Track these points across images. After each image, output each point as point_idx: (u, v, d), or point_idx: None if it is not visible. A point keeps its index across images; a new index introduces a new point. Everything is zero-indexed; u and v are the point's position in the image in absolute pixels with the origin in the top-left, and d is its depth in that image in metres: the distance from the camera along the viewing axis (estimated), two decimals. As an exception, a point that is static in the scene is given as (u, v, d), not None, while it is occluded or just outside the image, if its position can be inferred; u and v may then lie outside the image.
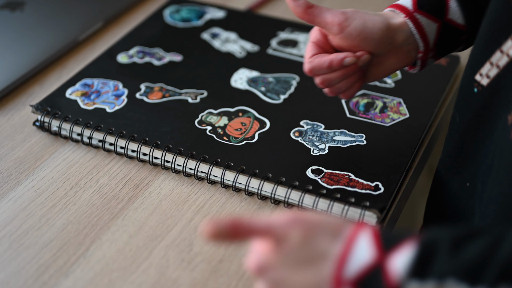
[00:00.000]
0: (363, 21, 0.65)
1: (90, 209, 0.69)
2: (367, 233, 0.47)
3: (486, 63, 0.60)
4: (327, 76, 0.67)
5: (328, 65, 0.66)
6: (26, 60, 0.88)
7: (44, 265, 0.63)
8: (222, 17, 0.99)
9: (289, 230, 0.48)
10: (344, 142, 0.74)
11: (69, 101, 0.80)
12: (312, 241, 0.48)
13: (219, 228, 0.48)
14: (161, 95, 0.82)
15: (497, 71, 0.59)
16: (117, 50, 0.90)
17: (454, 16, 0.67)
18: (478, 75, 0.61)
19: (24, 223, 0.67)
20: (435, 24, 0.67)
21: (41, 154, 0.76)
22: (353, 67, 0.67)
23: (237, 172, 0.70)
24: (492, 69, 0.59)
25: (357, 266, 0.46)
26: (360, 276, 0.46)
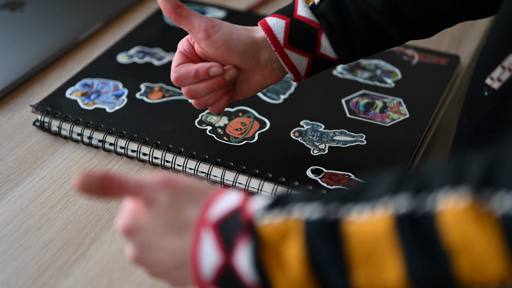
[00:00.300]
0: (229, 31, 0.66)
1: (90, 209, 0.69)
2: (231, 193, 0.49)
3: (497, 67, 0.60)
4: (194, 87, 0.67)
5: (194, 74, 0.66)
6: (26, 60, 0.88)
7: (44, 265, 0.63)
8: (222, 17, 0.99)
9: (157, 192, 0.49)
10: (344, 142, 0.74)
11: (69, 101, 0.80)
12: (179, 207, 0.49)
13: (88, 181, 0.48)
14: (161, 95, 0.82)
15: (509, 74, 0.59)
16: (117, 50, 0.90)
17: (326, 51, 0.68)
18: (489, 79, 0.61)
19: (24, 223, 0.67)
20: (306, 58, 0.68)
21: (41, 154, 0.76)
22: (220, 81, 0.66)
23: (237, 172, 0.70)
24: (504, 72, 0.59)
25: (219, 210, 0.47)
26: (222, 218, 0.47)
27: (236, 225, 0.46)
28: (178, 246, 0.49)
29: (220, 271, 0.46)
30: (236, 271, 0.46)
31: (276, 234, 0.45)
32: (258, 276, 0.45)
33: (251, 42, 0.67)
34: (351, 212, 0.44)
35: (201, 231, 0.47)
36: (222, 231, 0.46)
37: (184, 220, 0.48)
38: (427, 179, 0.43)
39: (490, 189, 0.41)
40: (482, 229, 0.41)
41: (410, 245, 0.42)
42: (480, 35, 0.96)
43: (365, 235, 0.43)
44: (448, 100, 0.84)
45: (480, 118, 0.63)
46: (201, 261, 0.47)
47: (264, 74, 0.68)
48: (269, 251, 0.45)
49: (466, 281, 0.41)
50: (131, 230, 0.50)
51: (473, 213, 0.41)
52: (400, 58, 0.89)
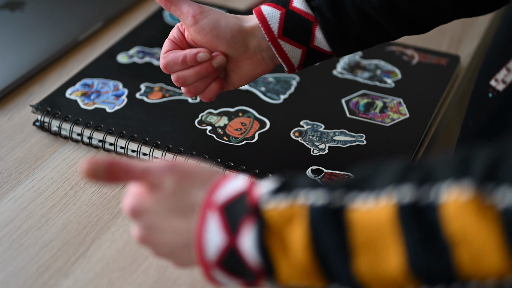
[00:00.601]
0: (217, 18, 0.66)
1: (90, 209, 0.69)
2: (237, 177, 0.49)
3: (502, 69, 0.60)
4: (182, 73, 0.67)
5: (182, 60, 0.66)
6: (26, 60, 0.88)
7: (44, 265, 0.63)
8: (222, 17, 0.99)
9: (163, 177, 0.50)
10: (344, 142, 0.74)
11: (69, 101, 0.80)
12: (185, 190, 0.49)
13: (95, 167, 0.49)
14: (161, 95, 0.82)
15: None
16: (117, 50, 0.90)
17: (320, 44, 0.68)
18: (493, 81, 0.61)
19: (24, 223, 0.67)
20: (299, 49, 0.68)
21: (41, 154, 0.76)
22: (208, 67, 0.67)
23: (237, 172, 0.70)
24: (508, 74, 0.59)
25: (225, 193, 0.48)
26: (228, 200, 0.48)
27: (242, 208, 0.47)
28: (184, 228, 0.49)
29: (224, 252, 0.47)
30: (240, 253, 0.47)
31: (281, 218, 0.46)
32: (261, 259, 0.46)
33: (239, 29, 0.66)
34: (356, 200, 0.45)
35: (206, 213, 0.48)
36: (227, 214, 0.47)
37: (189, 202, 0.49)
38: (431, 171, 0.44)
39: (493, 183, 0.41)
40: (483, 222, 0.41)
41: (412, 235, 0.42)
42: (480, 35, 0.96)
43: (368, 223, 0.44)
44: (448, 100, 0.84)
45: (484, 120, 0.63)
46: (206, 242, 0.47)
47: (253, 62, 0.68)
48: (274, 235, 0.46)
49: (465, 273, 0.42)
50: (137, 211, 0.51)
51: (475, 206, 0.41)
52: (400, 58, 0.89)
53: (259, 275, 0.47)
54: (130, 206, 0.51)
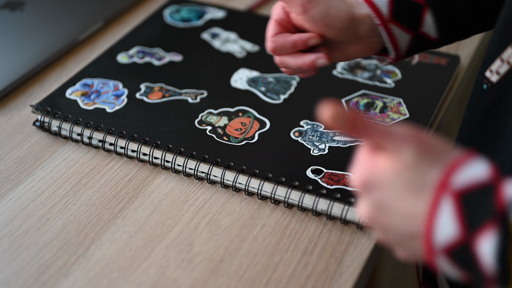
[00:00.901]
0: (327, 7, 0.64)
1: (90, 209, 0.69)
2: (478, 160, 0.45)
3: (496, 59, 0.59)
4: (287, 59, 0.66)
5: (292, 46, 0.65)
6: (26, 60, 0.88)
7: (44, 265, 0.63)
8: (222, 17, 0.99)
9: (405, 145, 0.46)
10: (344, 142, 0.74)
11: (69, 101, 0.80)
12: (424, 165, 0.46)
13: (339, 114, 0.46)
14: (161, 95, 0.82)
15: (507, 68, 0.58)
16: (117, 50, 0.91)
17: (428, 29, 0.67)
18: (488, 72, 0.60)
19: (24, 223, 0.67)
20: (408, 35, 0.67)
21: (41, 154, 0.76)
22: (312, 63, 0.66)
23: (237, 172, 0.70)
24: (502, 65, 0.58)
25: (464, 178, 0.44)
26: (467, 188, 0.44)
27: (486, 208, 0.43)
28: (413, 210, 0.45)
29: (455, 245, 0.44)
30: (475, 253, 0.43)
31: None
32: (500, 268, 0.43)
33: (350, 18, 0.65)
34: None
35: (441, 196, 0.44)
36: (465, 204, 0.44)
37: (425, 180, 0.45)
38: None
39: None
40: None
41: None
42: (480, 35, 0.96)
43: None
44: (448, 100, 0.84)
45: (479, 113, 0.63)
46: (436, 228, 0.44)
47: (361, 47, 0.68)
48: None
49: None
50: (369, 184, 0.47)
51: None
52: (400, 58, 0.89)
53: (489, 280, 0.44)
54: (363, 178, 0.47)
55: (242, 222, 0.67)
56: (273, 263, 0.63)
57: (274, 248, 0.65)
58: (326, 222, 0.67)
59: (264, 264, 0.63)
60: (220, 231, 0.66)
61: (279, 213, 0.68)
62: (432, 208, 0.44)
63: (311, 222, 0.67)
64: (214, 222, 0.67)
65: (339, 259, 0.64)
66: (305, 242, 0.65)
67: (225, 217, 0.68)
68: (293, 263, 0.63)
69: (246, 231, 0.66)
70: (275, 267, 0.63)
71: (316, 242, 0.65)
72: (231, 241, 0.65)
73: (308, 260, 0.63)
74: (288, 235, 0.66)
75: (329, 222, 0.67)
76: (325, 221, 0.67)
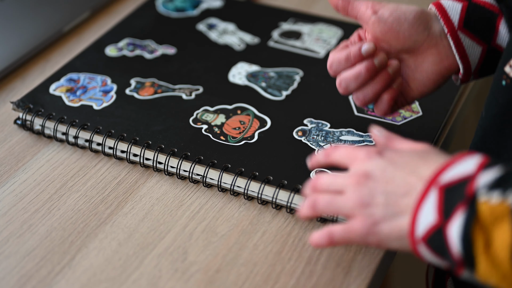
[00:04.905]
0: (396, 4, 0.68)
1: (76, 215, 0.69)
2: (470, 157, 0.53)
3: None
4: (344, 75, 0.67)
5: (346, 57, 0.67)
6: (7, 54, 0.88)
7: (26, 275, 0.63)
8: (219, 7, 0.99)
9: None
10: (351, 142, 0.74)
11: (53, 98, 0.80)
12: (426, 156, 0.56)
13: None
14: (153, 91, 0.82)
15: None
16: (105, 42, 0.91)
17: (503, 42, 0.67)
18: (508, 67, 0.61)
19: (4, 230, 0.67)
20: (480, 47, 0.67)
21: (23, 155, 0.76)
22: (369, 66, 0.67)
23: (235, 174, 0.70)
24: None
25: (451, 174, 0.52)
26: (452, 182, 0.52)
27: (460, 195, 0.50)
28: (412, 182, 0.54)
29: (431, 231, 0.51)
30: (446, 237, 0.50)
31: (490, 214, 0.48)
32: (463, 250, 0.50)
33: (421, 11, 0.67)
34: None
35: (429, 190, 0.52)
36: (446, 196, 0.51)
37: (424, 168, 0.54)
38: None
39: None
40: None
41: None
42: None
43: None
44: (464, 96, 0.84)
45: (495, 110, 0.63)
46: (420, 217, 0.52)
47: (439, 52, 0.68)
48: (480, 229, 0.49)
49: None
50: (383, 151, 0.57)
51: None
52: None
53: (459, 264, 0.51)
54: (384, 137, 0.61)
55: (241, 229, 0.67)
56: (275, 273, 0.63)
57: (275, 257, 0.65)
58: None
59: (264, 274, 0.63)
60: (217, 239, 0.66)
61: (281, 219, 0.68)
62: (420, 199, 0.52)
63: (316, 229, 0.67)
64: (211, 228, 0.67)
65: (346, 269, 0.63)
66: (309, 250, 0.65)
67: (222, 224, 0.68)
68: (296, 273, 0.63)
69: (245, 238, 0.66)
70: (276, 277, 0.63)
71: (321, 251, 0.65)
72: (229, 249, 0.65)
73: (313, 270, 0.63)
74: (290, 242, 0.66)
75: (335, 229, 0.67)
76: (331, 228, 0.67)
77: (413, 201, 0.53)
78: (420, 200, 0.52)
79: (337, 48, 0.69)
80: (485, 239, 0.49)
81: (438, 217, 0.51)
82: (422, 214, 0.52)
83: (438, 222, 0.51)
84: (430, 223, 0.51)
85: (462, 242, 0.49)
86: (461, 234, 0.49)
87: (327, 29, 0.94)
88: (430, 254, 0.53)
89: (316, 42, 0.91)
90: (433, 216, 0.51)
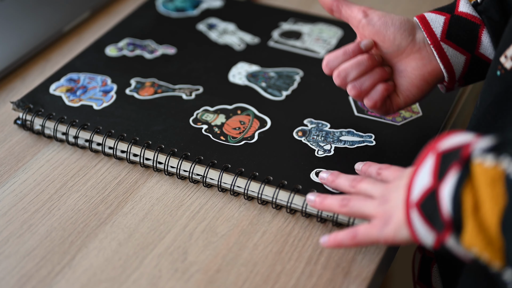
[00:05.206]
0: (385, 12, 0.71)
1: (76, 215, 0.69)
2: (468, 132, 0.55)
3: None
4: (343, 65, 0.70)
5: (344, 52, 0.70)
6: (7, 53, 0.88)
7: (26, 275, 0.63)
8: (219, 7, 0.99)
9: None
10: (351, 142, 0.74)
11: (53, 98, 0.80)
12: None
13: None
14: (153, 91, 0.82)
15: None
16: (106, 42, 0.91)
17: (486, 51, 0.69)
18: (503, 57, 0.61)
19: (4, 230, 0.67)
20: (463, 56, 0.69)
21: (23, 155, 0.76)
22: (370, 57, 0.69)
23: (235, 174, 0.70)
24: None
25: (450, 142, 0.54)
26: (449, 149, 0.54)
27: (455, 157, 0.52)
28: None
29: (426, 194, 0.53)
30: (439, 197, 0.52)
31: (483, 176, 0.49)
32: (452, 210, 0.51)
33: (407, 19, 0.71)
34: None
35: (427, 156, 0.55)
36: (442, 160, 0.53)
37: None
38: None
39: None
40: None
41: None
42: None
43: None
44: (464, 96, 0.84)
45: (490, 100, 0.64)
46: (415, 181, 0.54)
47: (422, 57, 0.70)
48: (471, 191, 0.50)
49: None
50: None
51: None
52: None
53: (447, 228, 0.51)
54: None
55: (241, 229, 0.67)
56: (275, 273, 0.63)
57: (275, 257, 0.65)
58: (332, 229, 0.67)
59: (264, 274, 0.63)
60: (217, 239, 0.66)
61: (281, 219, 0.68)
62: (417, 165, 0.55)
63: (315, 229, 0.67)
64: (211, 228, 0.67)
65: (346, 269, 0.64)
66: (309, 250, 0.65)
67: (222, 224, 0.68)
68: (296, 273, 0.63)
69: (245, 238, 0.66)
70: (276, 277, 0.63)
71: (321, 251, 0.65)
72: (229, 249, 0.65)
73: (313, 270, 0.63)
74: (290, 243, 0.66)
75: (335, 229, 0.67)
76: (331, 228, 0.67)
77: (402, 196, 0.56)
78: (418, 166, 0.55)
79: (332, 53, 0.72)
80: (475, 201, 0.49)
81: (432, 180, 0.53)
82: (418, 179, 0.54)
83: (432, 185, 0.53)
84: (424, 186, 0.53)
85: (453, 201, 0.50)
86: (452, 194, 0.50)
87: (327, 29, 0.94)
88: (420, 223, 0.54)
89: (316, 42, 0.91)
90: (428, 179, 0.53)
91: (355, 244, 0.61)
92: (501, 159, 0.49)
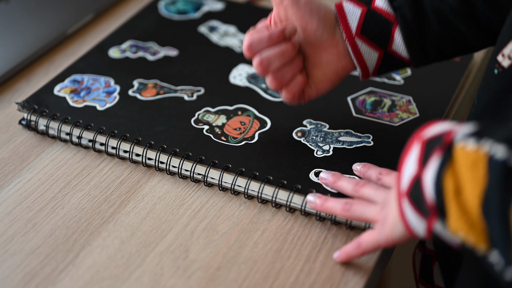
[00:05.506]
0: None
1: (79, 213, 0.69)
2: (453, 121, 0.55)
3: (509, 43, 0.60)
4: (266, 54, 0.67)
5: (268, 38, 0.67)
6: (12, 55, 0.89)
7: (30, 273, 0.64)
8: (220, 9, 0.99)
9: None
10: (349, 143, 0.75)
11: (57, 99, 0.81)
12: None
13: None
14: (155, 92, 0.82)
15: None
16: (109, 44, 0.91)
17: (398, 48, 0.69)
18: (500, 56, 0.61)
19: (9, 228, 0.68)
20: (376, 53, 0.69)
21: (28, 154, 0.76)
22: (294, 46, 0.68)
23: (235, 174, 0.71)
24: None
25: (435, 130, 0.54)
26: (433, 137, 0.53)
27: (438, 143, 0.52)
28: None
29: (413, 182, 0.53)
30: (422, 185, 0.52)
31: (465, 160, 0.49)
32: (435, 195, 0.51)
33: (331, 11, 0.69)
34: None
35: (412, 145, 0.54)
36: (426, 148, 0.53)
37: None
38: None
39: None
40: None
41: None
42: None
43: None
44: (460, 97, 0.85)
45: (487, 99, 0.64)
46: (403, 172, 0.54)
47: (338, 52, 0.69)
48: (452, 175, 0.49)
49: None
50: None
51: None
52: (410, 53, 0.89)
53: (432, 213, 0.51)
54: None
55: (241, 227, 0.68)
56: (274, 271, 0.64)
57: (275, 255, 0.65)
58: (331, 227, 0.68)
59: (264, 272, 0.63)
60: (218, 237, 0.67)
61: (281, 218, 0.69)
62: (404, 155, 0.55)
63: (314, 227, 0.68)
64: (212, 227, 0.68)
65: (344, 267, 0.64)
66: (308, 248, 0.66)
67: (223, 222, 0.68)
68: (296, 271, 0.64)
69: (246, 236, 0.67)
70: (276, 275, 0.63)
71: (320, 249, 0.66)
72: (230, 247, 0.66)
73: (312, 267, 0.64)
74: (290, 241, 0.66)
75: (333, 227, 0.68)
76: (330, 226, 0.68)
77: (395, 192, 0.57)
78: (405, 155, 0.55)
79: (253, 29, 0.69)
80: (456, 185, 0.49)
81: (417, 167, 0.53)
82: (406, 168, 0.54)
83: (417, 172, 0.53)
84: (411, 174, 0.53)
85: (435, 186, 0.50)
86: (434, 178, 0.50)
87: (327, 32, 0.94)
88: (411, 211, 0.54)
89: (316, 44, 0.92)
90: (414, 167, 0.53)
91: (362, 252, 0.62)
92: (482, 142, 0.49)
